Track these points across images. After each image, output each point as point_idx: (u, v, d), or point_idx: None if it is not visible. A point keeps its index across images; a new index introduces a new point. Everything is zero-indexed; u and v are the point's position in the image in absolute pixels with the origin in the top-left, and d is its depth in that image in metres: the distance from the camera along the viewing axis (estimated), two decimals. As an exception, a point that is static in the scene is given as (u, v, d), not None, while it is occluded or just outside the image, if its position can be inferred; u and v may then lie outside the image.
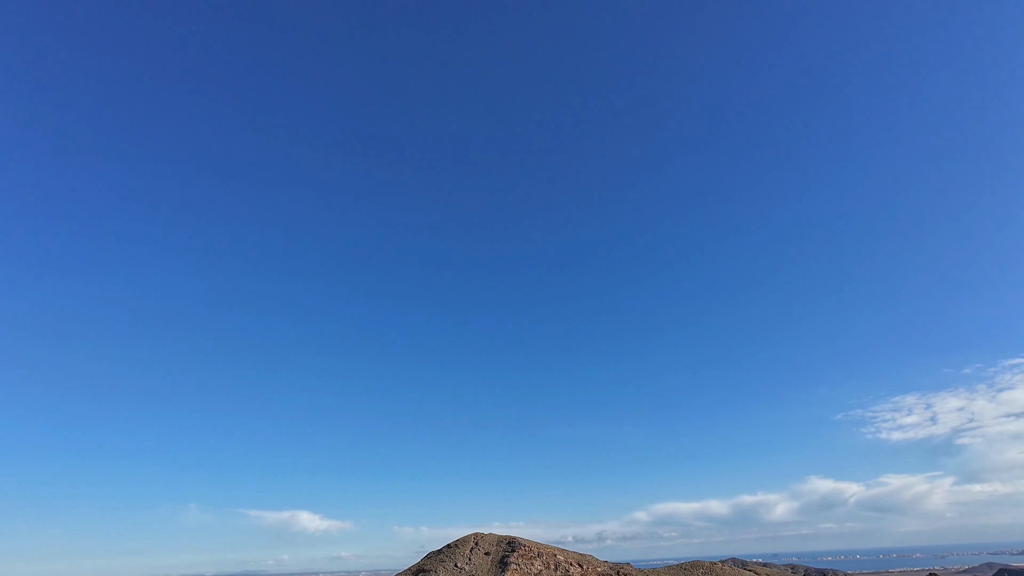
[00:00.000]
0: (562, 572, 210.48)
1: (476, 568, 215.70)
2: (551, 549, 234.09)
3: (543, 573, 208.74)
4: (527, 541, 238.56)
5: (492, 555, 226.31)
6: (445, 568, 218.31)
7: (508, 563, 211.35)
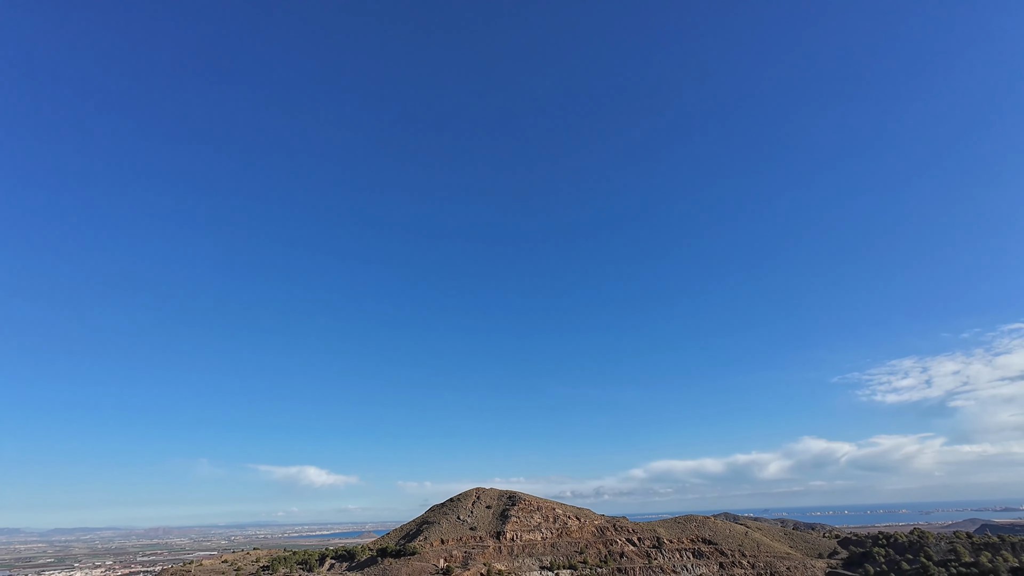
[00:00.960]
0: (560, 525, 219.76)
1: (478, 520, 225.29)
2: (550, 503, 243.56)
3: (542, 525, 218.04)
4: (527, 495, 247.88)
5: (493, 508, 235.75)
6: (448, 520, 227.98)
7: (509, 516, 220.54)
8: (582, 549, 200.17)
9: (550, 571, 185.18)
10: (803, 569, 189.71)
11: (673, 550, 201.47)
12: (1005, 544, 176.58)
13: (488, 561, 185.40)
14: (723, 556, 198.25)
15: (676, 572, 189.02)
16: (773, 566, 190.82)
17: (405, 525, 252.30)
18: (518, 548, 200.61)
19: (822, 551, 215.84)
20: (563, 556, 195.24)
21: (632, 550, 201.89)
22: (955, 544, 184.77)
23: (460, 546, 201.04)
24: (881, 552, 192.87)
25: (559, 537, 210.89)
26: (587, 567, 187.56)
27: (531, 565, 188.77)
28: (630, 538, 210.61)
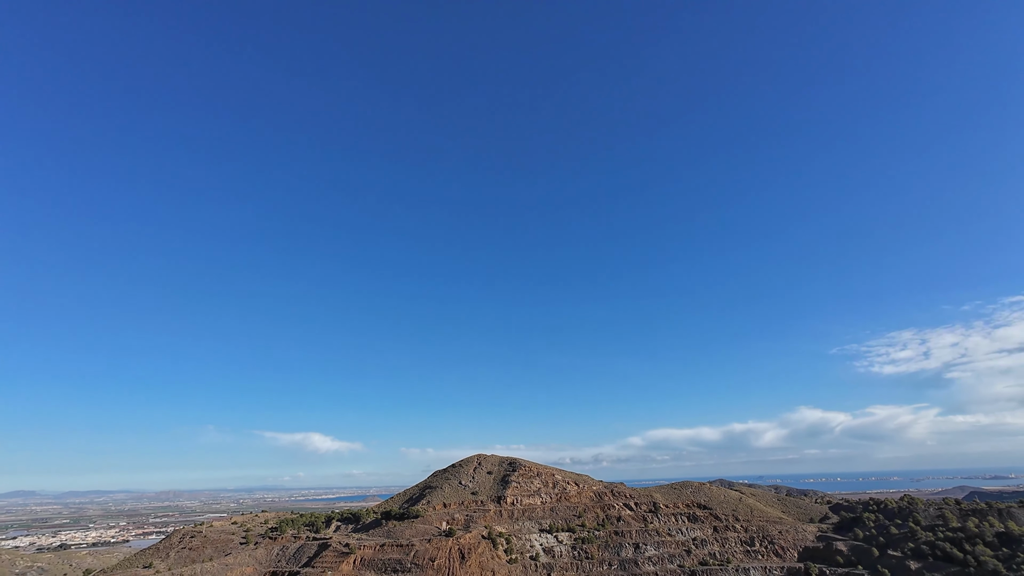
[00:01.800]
0: (559, 490, 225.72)
1: (479, 485, 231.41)
2: (549, 469, 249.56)
3: (542, 491, 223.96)
4: (527, 462, 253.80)
5: (495, 474, 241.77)
6: (451, 485, 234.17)
7: (509, 481, 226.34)
8: (580, 513, 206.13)
9: (549, 534, 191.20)
10: (794, 533, 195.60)
11: (669, 515, 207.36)
12: (992, 510, 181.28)
13: (489, 524, 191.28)
14: (717, 520, 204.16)
15: (671, 535, 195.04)
16: (765, 530, 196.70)
17: (408, 490, 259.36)
18: (518, 512, 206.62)
19: (813, 516, 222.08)
20: (562, 520, 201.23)
21: (629, 514, 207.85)
22: (943, 510, 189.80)
23: (462, 510, 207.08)
24: (871, 517, 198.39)
25: (558, 502, 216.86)
26: (585, 530, 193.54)
27: (531, 528, 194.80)
28: (627, 503, 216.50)
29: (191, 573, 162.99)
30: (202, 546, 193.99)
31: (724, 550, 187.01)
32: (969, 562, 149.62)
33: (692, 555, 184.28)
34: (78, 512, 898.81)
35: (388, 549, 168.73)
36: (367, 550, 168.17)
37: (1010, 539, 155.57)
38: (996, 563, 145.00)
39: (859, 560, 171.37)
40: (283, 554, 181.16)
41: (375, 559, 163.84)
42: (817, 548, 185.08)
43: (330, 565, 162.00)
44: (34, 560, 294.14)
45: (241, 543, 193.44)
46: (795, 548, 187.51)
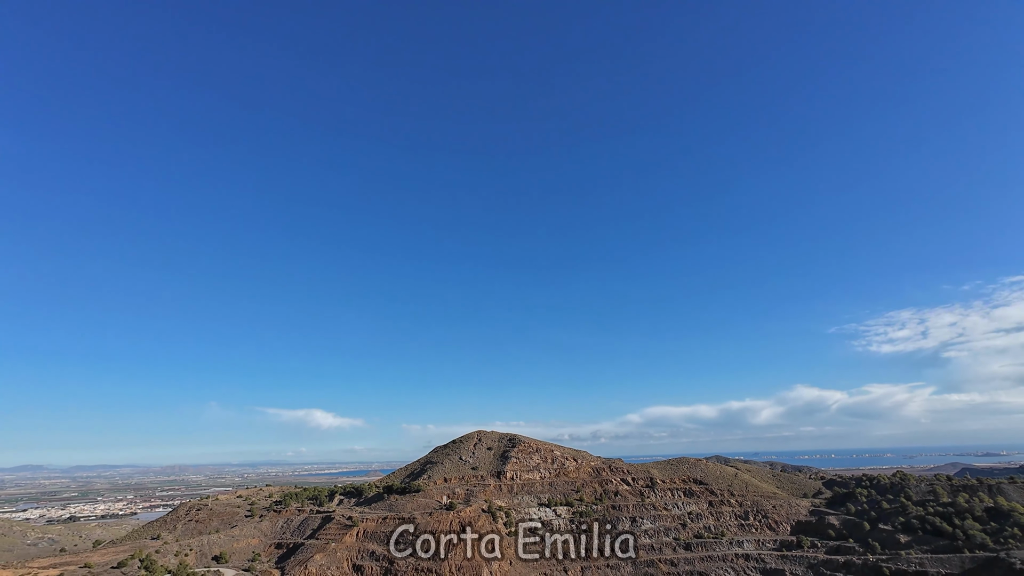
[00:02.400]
0: (558, 465, 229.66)
1: (479, 461, 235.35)
2: (548, 445, 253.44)
3: (541, 466, 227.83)
4: (526, 438, 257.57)
5: (494, 450, 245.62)
6: (451, 460, 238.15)
7: (509, 457, 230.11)
8: (579, 488, 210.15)
9: (548, 507, 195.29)
10: (788, 507, 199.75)
11: (665, 489, 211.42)
12: (982, 486, 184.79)
13: (489, 498, 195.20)
14: (713, 495, 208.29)
15: (667, 509, 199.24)
16: (759, 505, 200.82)
17: (410, 465, 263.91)
18: (518, 486, 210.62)
19: (807, 491, 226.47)
20: (560, 494, 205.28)
21: (626, 489, 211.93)
22: (935, 486, 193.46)
23: (462, 484, 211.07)
24: (863, 492, 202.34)
25: (557, 477, 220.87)
26: (583, 504, 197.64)
27: (530, 502, 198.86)
28: (624, 478, 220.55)
29: (198, 544, 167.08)
30: (208, 518, 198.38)
31: (719, 524, 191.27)
32: (958, 536, 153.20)
33: (687, 528, 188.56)
34: (86, 486, 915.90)
35: (390, 522, 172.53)
36: (370, 523, 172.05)
37: (999, 514, 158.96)
38: (984, 537, 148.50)
39: (850, 534, 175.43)
40: (287, 526, 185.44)
41: (378, 532, 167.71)
42: (810, 522, 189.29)
43: (333, 537, 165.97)
44: (45, 532, 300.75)
45: (246, 516, 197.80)
46: (788, 522, 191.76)
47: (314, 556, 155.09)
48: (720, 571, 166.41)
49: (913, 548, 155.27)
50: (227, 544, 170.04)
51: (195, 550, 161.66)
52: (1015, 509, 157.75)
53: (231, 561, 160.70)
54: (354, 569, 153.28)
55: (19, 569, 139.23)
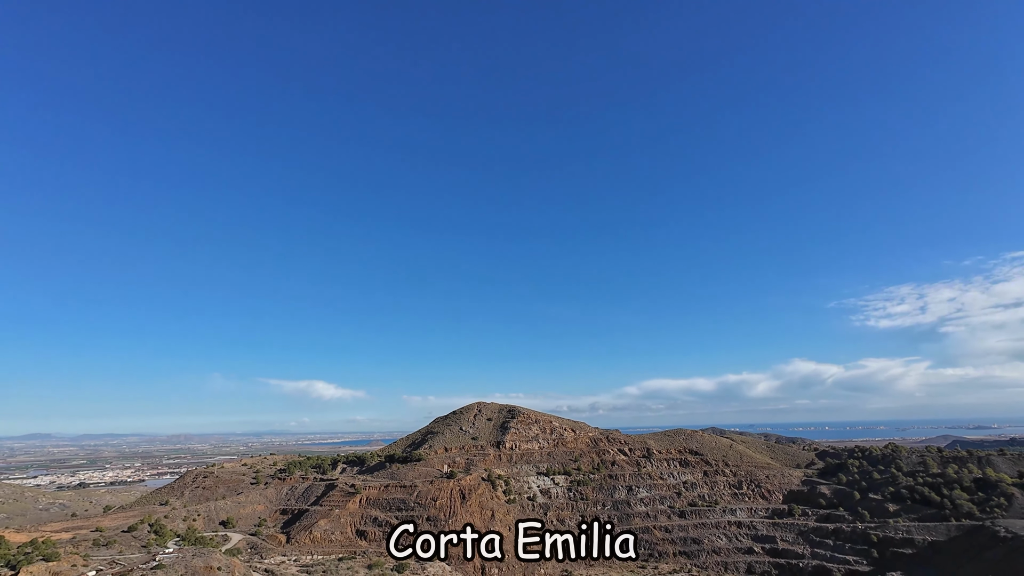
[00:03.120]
0: (557, 436, 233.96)
1: (479, 431, 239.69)
2: (547, 417, 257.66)
3: (540, 436, 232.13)
4: (525, 409, 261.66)
5: (494, 421, 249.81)
6: (452, 431, 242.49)
7: (508, 427, 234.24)
8: (576, 458, 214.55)
9: (547, 476, 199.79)
10: (781, 477, 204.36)
11: (661, 460, 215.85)
12: (972, 458, 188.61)
13: (489, 467, 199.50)
14: (708, 465, 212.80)
15: (663, 479, 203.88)
16: (753, 475, 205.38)
17: (411, 435, 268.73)
18: (517, 456, 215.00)
19: (800, 462, 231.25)
20: (559, 464, 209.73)
21: (623, 459, 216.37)
22: (925, 457, 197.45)
23: (463, 454, 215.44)
24: (855, 463, 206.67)
25: (555, 447, 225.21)
26: (581, 473, 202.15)
27: (529, 471, 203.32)
28: (622, 448, 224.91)
29: (206, 510, 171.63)
30: (215, 485, 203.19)
31: (713, 493, 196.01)
32: (945, 505, 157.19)
33: (682, 497, 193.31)
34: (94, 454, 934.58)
35: (392, 489, 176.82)
36: (372, 490, 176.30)
37: (987, 484, 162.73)
38: (971, 506, 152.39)
39: (841, 503, 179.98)
40: (292, 493, 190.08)
41: (380, 499, 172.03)
42: (801, 491, 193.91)
43: (337, 504, 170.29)
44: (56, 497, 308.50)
45: (252, 483, 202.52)
46: (781, 491, 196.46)
47: (318, 521, 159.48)
48: (713, 537, 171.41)
49: (901, 516, 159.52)
50: (234, 510, 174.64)
51: (203, 515, 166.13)
52: (1003, 480, 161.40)
53: (238, 526, 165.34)
54: (357, 534, 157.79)
55: (32, 533, 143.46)
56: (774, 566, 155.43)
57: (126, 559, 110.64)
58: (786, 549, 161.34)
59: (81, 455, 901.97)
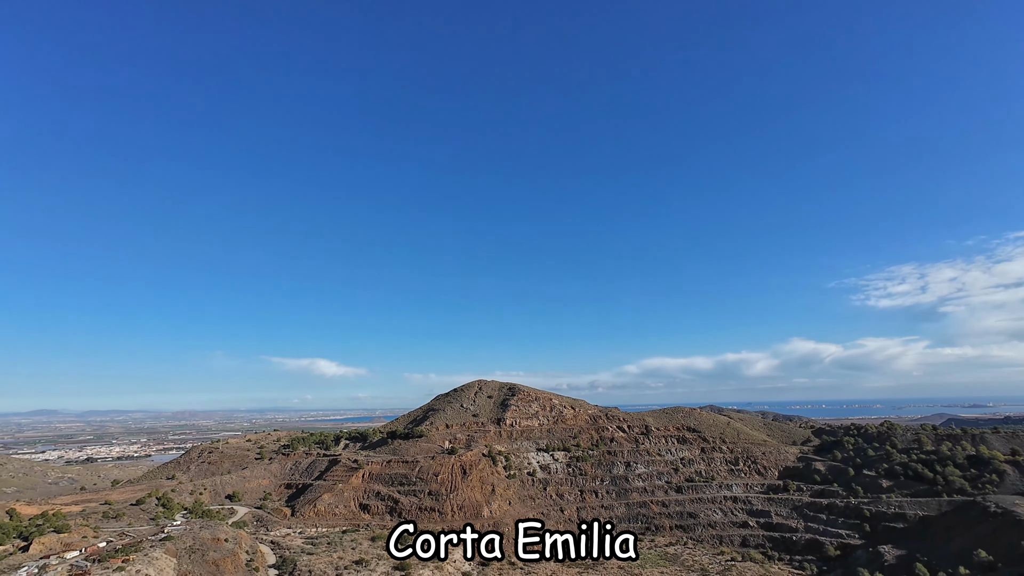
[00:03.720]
0: (556, 413, 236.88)
1: (480, 409, 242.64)
2: (547, 394, 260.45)
3: (540, 413, 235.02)
4: (526, 387, 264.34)
5: (495, 398, 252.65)
6: (453, 408, 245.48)
7: (508, 405, 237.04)
8: (576, 434, 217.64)
9: (546, 452, 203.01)
10: (777, 454, 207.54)
11: (660, 436, 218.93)
12: (966, 435, 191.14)
13: (489, 443, 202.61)
14: (705, 442, 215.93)
15: (661, 455, 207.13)
16: (750, 451, 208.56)
17: (413, 412, 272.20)
18: (517, 433, 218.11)
19: (796, 439, 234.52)
20: (558, 440, 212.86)
21: (622, 436, 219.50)
22: (920, 435, 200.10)
23: (463, 430, 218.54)
24: (850, 441, 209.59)
25: (555, 424, 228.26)
26: (580, 450, 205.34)
27: (528, 447, 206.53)
28: (620, 425, 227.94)
29: (212, 484, 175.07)
30: (220, 460, 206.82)
31: (710, 469, 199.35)
32: (938, 481, 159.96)
33: (679, 473, 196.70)
34: (100, 429, 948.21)
35: (394, 465, 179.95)
36: (375, 465, 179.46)
37: (980, 461, 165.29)
38: (963, 482, 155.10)
39: (835, 479, 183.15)
40: (296, 468, 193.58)
41: (382, 473, 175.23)
42: (797, 468, 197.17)
43: (340, 478, 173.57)
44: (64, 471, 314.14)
45: (256, 458, 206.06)
46: (776, 467, 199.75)
47: (322, 495, 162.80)
48: (709, 512, 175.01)
49: (894, 492, 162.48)
50: (239, 484, 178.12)
51: (209, 489, 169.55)
52: (995, 457, 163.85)
53: (243, 500, 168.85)
54: (360, 508, 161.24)
55: (43, 506, 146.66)
56: (768, 540, 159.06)
57: (135, 531, 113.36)
58: (780, 523, 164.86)
59: (88, 431, 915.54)
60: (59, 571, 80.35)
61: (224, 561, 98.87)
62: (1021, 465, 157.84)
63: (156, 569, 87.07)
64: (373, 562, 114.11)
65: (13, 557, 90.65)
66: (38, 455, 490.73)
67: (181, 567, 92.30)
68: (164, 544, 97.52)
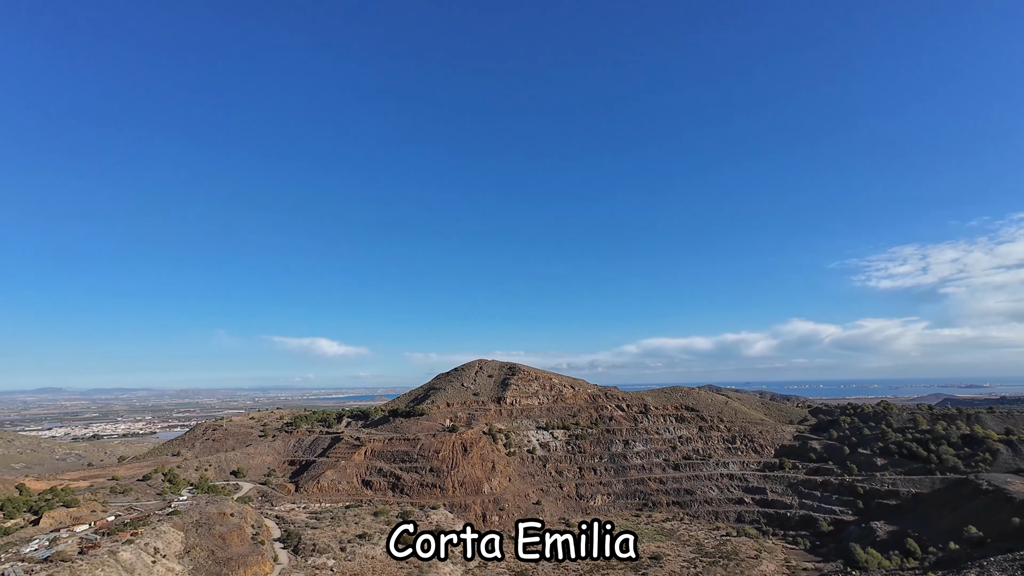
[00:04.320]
0: (556, 392, 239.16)
1: (480, 387, 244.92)
2: (547, 374, 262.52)
3: (539, 392, 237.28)
4: (526, 366, 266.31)
5: (495, 377, 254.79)
6: (453, 387, 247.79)
7: (509, 384, 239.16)
8: (575, 413, 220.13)
9: (546, 430, 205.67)
10: (773, 433, 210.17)
11: (658, 415, 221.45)
12: (961, 415, 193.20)
13: (490, 421, 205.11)
14: (703, 421, 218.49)
15: (659, 434, 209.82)
16: (747, 430, 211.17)
17: (414, 390, 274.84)
18: (517, 411, 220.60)
19: (793, 418, 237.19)
20: (558, 419, 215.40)
21: (621, 415, 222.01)
22: (916, 414, 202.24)
23: (464, 409, 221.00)
24: (847, 420, 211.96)
25: (555, 403, 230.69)
26: (579, 428, 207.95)
27: (528, 426, 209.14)
28: (619, 404, 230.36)
29: (216, 461, 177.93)
30: (224, 438, 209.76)
31: (707, 447, 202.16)
32: (932, 459, 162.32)
33: (677, 451, 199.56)
34: (105, 407, 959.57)
35: (396, 442, 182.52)
36: (377, 443, 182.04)
37: (973, 440, 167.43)
38: (957, 461, 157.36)
39: (830, 457, 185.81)
40: (299, 445, 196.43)
41: (384, 451, 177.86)
42: (793, 446, 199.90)
43: (343, 455, 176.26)
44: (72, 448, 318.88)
45: (260, 436, 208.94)
46: (773, 446, 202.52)
47: (325, 472, 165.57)
48: (705, 489, 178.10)
49: (888, 470, 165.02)
50: (243, 461, 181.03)
51: (214, 466, 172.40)
52: (989, 436, 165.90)
53: (248, 476, 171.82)
54: (363, 484, 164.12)
55: (52, 481, 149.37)
56: (763, 516, 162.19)
57: (143, 506, 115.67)
58: (775, 500, 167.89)
59: (93, 408, 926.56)
60: (70, 544, 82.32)
61: (230, 535, 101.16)
62: (1014, 444, 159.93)
63: (164, 542, 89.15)
64: (376, 536, 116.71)
65: (24, 530, 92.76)
66: (45, 432, 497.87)
67: (188, 540, 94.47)
68: (171, 518, 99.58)
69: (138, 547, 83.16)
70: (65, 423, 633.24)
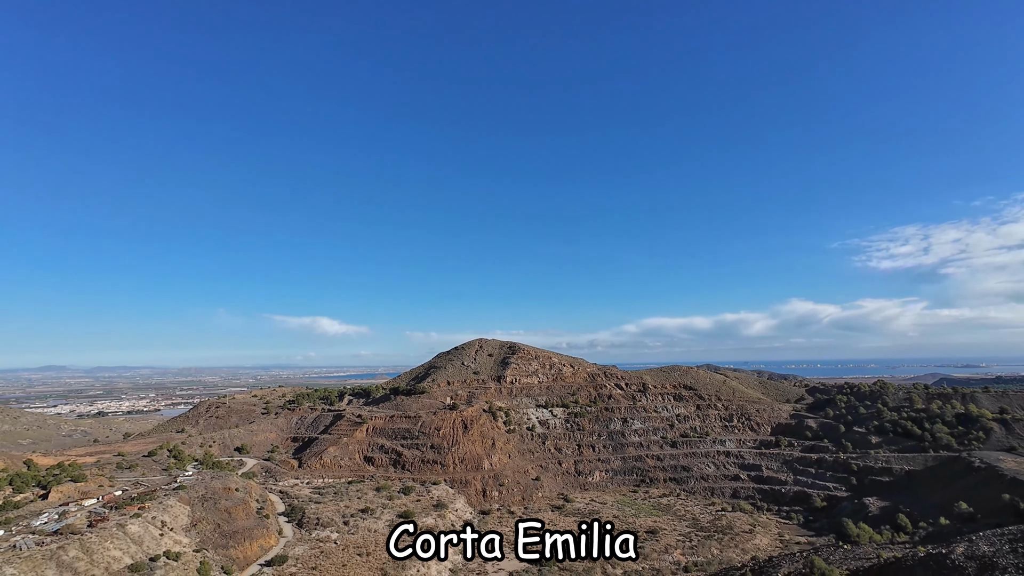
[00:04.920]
0: (555, 371, 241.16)
1: (481, 366, 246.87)
2: (547, 352, 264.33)
3: (539, 371, 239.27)
4: (526, 345, 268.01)
5: (495, 356, 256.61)
6: (454, 365, 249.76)
7: (509, 363, 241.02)
8: (574, 392, 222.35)
9: (545, 408, 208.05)
10: (770, 411, 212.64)
11: (656, 394, 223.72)
12: (956, 394, 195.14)
13: (490, 399, 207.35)
14: (701, 400, 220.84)
15: (657, 412, 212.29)
16: (744, 409, 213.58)
17: (414, 369, 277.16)
18: (517, 390, 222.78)
19: (790, 397, 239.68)
20: (557, 397, 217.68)
21: (619, 393, 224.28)
22: (911, 394, 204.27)
23: (465, 387, 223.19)
24: (843, 399, 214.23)
25: (554, 381, 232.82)
26: (578, 406, 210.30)
27: (528, 404, 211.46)
28: (618, 383, 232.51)
29: (220, 437, 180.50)
30: (227, 415, 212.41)
31: (704, 425, 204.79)
32: (926, 438, 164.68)
33: (675, 429, 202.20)
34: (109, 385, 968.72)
35: (397, 420, 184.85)
36: (378, 420, 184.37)
37: (968, 419, 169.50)
38: (950, 439, 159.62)
39: (826, 435, 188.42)
40: (302, 423, 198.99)
41: (386, 428, 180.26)
42: (789, 424, 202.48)
43: (345, 432, 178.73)
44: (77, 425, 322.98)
45: (263, 413, 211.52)
46: (769, 424, 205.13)
47: (328, 448, 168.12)
48: (702, 466, 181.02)
49: (882, 448, 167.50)
50: (247, 437, 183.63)
51: (218, 442, 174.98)
52: (983, 415, 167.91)
53: (252, 452, 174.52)
54: (365, 460, 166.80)
55: (59, 457, 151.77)
56: (758, 492, 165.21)
57: (149, 480, 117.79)
58: (770, 476, 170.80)
59: (97, 386, 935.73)
60: (79, 517, 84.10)
61: (235, 509, 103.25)
62: (1008, 423, 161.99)
63: (171, 516, 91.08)
64: (378, 510, 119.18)
65: (33, 504, 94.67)
66: (50, 409, 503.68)
67: (195, 514, 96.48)
68: (178, 493, 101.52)
69: (146, 520, 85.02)
70: (69, 400, 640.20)
